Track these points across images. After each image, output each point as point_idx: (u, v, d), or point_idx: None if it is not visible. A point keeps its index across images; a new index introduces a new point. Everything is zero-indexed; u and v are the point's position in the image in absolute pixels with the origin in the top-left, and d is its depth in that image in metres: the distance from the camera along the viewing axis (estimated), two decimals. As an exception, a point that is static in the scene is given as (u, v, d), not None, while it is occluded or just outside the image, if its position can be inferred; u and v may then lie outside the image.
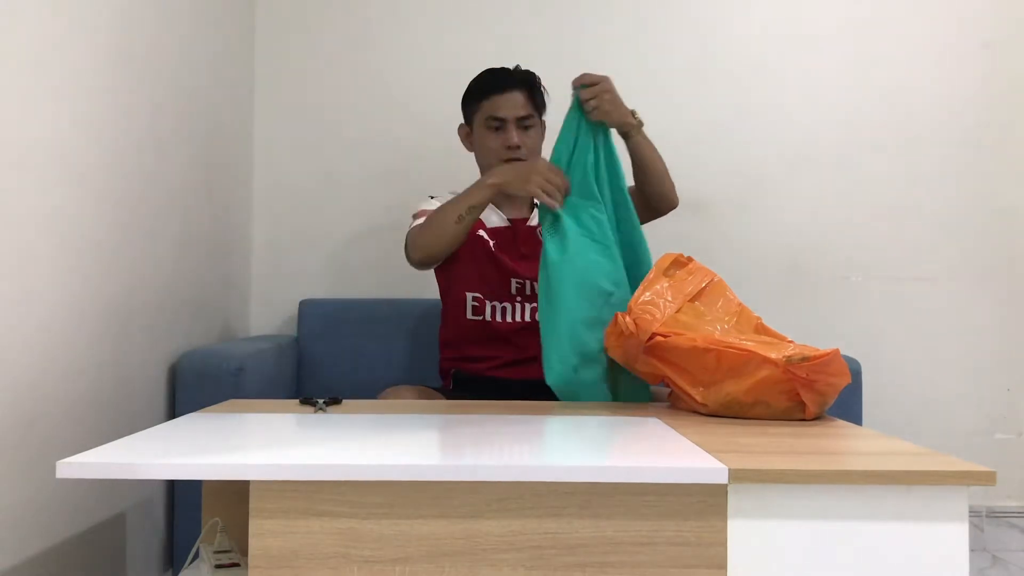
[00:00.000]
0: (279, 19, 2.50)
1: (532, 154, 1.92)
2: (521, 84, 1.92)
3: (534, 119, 1.93)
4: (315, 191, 2.50)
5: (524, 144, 1.90)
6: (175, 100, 1.91)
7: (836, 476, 1.01)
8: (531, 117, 1.92)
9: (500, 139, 1.90)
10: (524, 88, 1.92)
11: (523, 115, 1.90)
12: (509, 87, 1.91)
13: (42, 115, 1.38)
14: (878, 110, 2.49)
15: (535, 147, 1.94)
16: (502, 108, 1.90)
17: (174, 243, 1.91)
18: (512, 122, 1.90)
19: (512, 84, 1.92)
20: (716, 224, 2.47)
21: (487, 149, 1.93)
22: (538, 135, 1.95)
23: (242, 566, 1.26)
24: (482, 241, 1.93)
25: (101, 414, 1.57)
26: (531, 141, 1.92)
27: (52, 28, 1.41)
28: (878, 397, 2.32)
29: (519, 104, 1.91)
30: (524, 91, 1.92)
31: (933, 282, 2.47)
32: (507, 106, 1.90)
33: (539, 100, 1.95)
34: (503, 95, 1.90)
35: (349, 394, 1.66)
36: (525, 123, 1.91)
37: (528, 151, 1.91)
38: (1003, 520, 2.42)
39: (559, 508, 1.00)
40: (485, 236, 1.94)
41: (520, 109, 1.90)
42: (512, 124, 1.90)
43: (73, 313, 1.48)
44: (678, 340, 1.44)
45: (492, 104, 1.91)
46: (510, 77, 1.93)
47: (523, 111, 1.91)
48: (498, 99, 1.90)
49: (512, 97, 1.91)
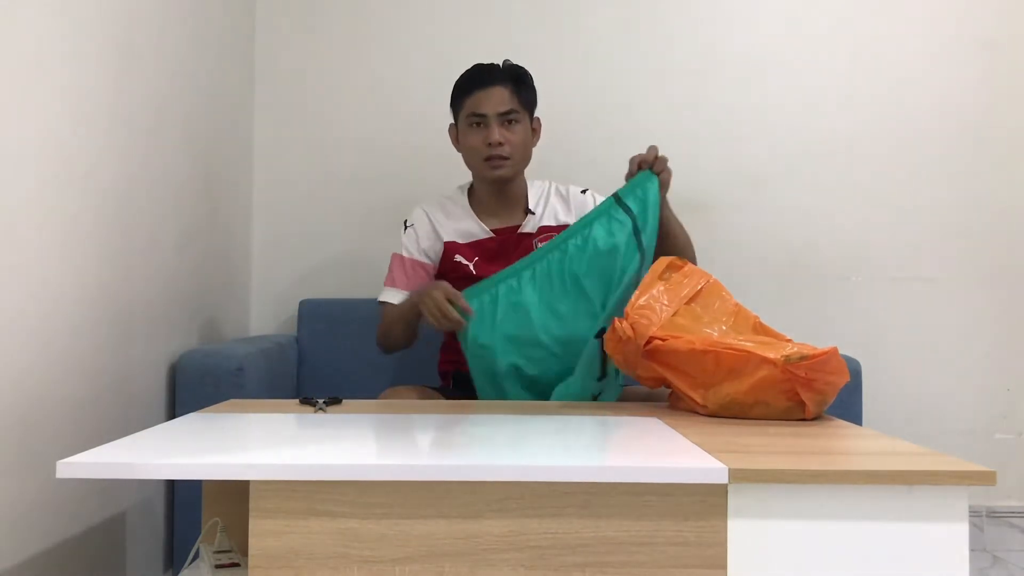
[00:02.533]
0: (279, 19, 2.50)
1: (516, 150, 1.86)
2: (505, 79, 1.85)
3: (519, 114, 1.85)
4: (315, 191, 2.50)
5: (508, 141, 1.84)
6: (175, 100, 1.91)
7: (836, 476, 1.00)
8: (515, 112, 1.84)
9: (481, 136, 1.84)
10: (508, 83, 1.85)
11: (505, 110, 1.83)
12: (491, 82, 1.84)
13: (42, 115, 1.38)
14: (878, 110, 2.49)
15: (520, 143, 1.87)
16: (483, 104, 1.83)
17: (174, 243, 1.91)
18: (494, 118, 1.83)
19: (495, 79, 1.85)
20: (716, 224, 2.46)
21: (469, 148, 1.87)
22: (524, 131, 1.87)
23: (242, 566, 1.26)
24: (462, 267, 1.90)
25: (101, 414, 1.57)
26: (516, 137, 1.85)
27: (52, 28, 1.41)
28: (878, 397, 2.32)
29: (502, 99, 1.83)
30: (508, 86, 1.85)
31: (933, 282, 2.47)
32: (489, 102, 1.83)
33: (526, 96, 1.88)
34: (485, 90, 1.84)
35: (349, 394, 1.66)
36: (508, 118, 1.84)
37: (512, 148, 1.85)
38: (1003, 520, 2.42)
39: (559, 508, 1.00)
40: (463, 260, 1.91)
41: (502, 104, 1.83)
42: (494, 120, 1.83)
43: (73, 313, 1.48)
44: (676, 343, 1.44)
45: (474, 100, 1.85)
46: (493, 72, 1.86)
47: (506, 106, 1.83)
48: (480, 95, 1.84)
49: (494, 92, 1.84)
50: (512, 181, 1.91)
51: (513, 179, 1.91)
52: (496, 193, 1.92)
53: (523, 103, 1.87)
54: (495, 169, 1.86)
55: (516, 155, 1.86)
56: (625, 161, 1.79)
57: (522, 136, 1.87)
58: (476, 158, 1.87)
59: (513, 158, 1.86)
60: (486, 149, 1.84)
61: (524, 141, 1.88)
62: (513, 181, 1.91)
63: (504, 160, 1.85)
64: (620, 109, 2.49)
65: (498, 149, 1.84)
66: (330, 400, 1.52)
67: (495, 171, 1.86)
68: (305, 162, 2.50)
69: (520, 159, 1.89)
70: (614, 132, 2.48)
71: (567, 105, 2.46)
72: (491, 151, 1.84)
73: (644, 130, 2.48)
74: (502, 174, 1.86)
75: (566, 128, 2.47)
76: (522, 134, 1.87)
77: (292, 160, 2.50)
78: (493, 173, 1.86)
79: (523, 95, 1.87)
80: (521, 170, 1.92)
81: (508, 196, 1.93)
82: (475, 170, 1.91)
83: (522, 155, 1.89)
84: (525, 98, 1.87)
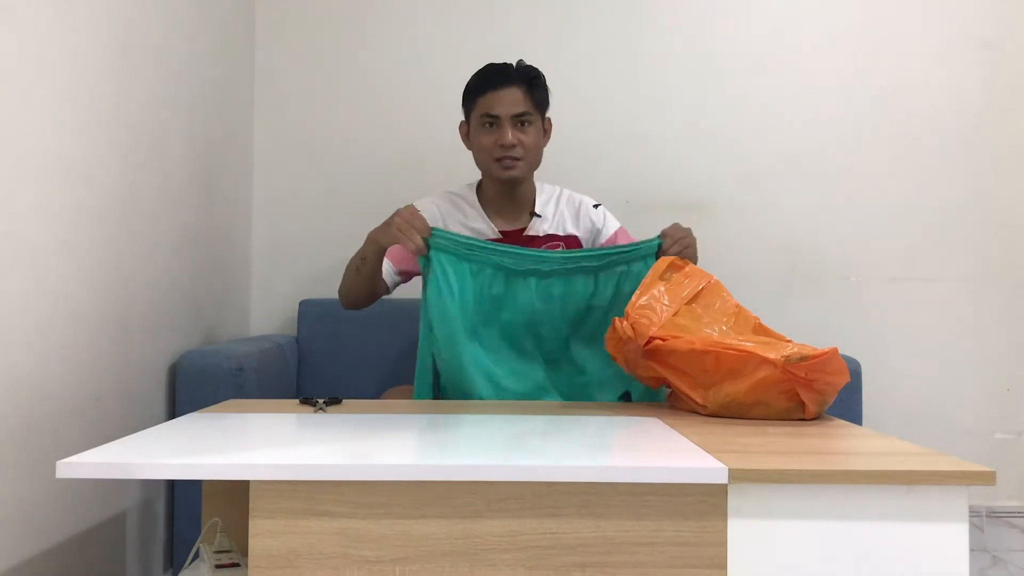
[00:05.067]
0: (279, 19, 2.50)
1: (529, 152, 1.85)
2: (519, 80, 1.84)
3: (532, 116, 1.84)
4: (315, 191, 2.50)
5: (521, 142, 1.83)
6: (175, 101, 1.91)
7: (836, 476, 1.00)
8: (528, 114, 1.83)
9: (494, 137, 1.83)
10: (522, 84, 1.84)
11: (519, 112, 1.82)
12: (506, 83, 1.83)
13: (42, 115, 1.38)
14: (878, 110, 2.49)
15: (533, 145, 1.86)
16: (497, 105, 1.82)
17: (174, 243, 1.91)
18: (507, 119, 1.82)
19: (509, 80, 1.83)
20: (716, 224, 2.47)
21: (481, 147, 1.86)
22: (537, 133, 1.87)
23: (242, 566, 1.26)
24: None
25: (101, 414, 1.57)
26: (528, 139, 1.84)
27: (52, 29, 1.41)
28: (878, 397, 2.32)
29: (516, 101, 1.82)
30: (522, 87, 1.83)
31: (933, 282, 2.47)
32: (502, 103, 1.82)
33: (540, 97, 1.87)
34: (499, 91, 1.82)
35: (349, 394, 1.66)
36: (522, 120, 1.83)
37: (525, 149, 1.84)
38: (1003, 520, 2.42)
39: (559, 508, 1.00)
40: None
41: (516, 106, 1.82)
42: (507, 122, 1.82)
43: (73, 313, 1.48)
44: (676, 343, 1.44)
45: (487, 101, 1.83)
46: (508, 72, 1.85)
47: (519, 108, 1.82)
48: (493, 95, 1.83)
49: (508, 93, 1.82)
50: (522, 182, 1.90)
51: (524, 180, 1.90)
52: (505, 194, 1.91)
53: (536, 104, 1.85)
54: (507, 170, 1.84)
55: (528, 156, 1.85)
56: (625, 161, 1.79)
57: (534, 138, 1.86)
58: (488, 158, 1.85)
59: (525, 159, 1.85)
60: (499, 150, 1.83)
61: (536, 143, 1.87)
62: (523, 182, 1.90)
63: (516, 161, 1.83)
64: (620, 109, 2.49)
65: (510, 151, 1.82)
66: (330, 400, 1.52)
67: (507, 172, 1.84)
68: (305, 162, 2.50)
69: (532, 161, 1.88)
70: (614, 132, 2.48)
71: (567, 105, 2.46)
72: (503, 152, 1.83)
73: (644, 130, 2.49)
74: (513, 175, 1.85)
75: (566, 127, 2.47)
76: (534, 136, 1.86)
77: (292, 161, 2.50)
78: (505, 174, 1.85)
79: (536, 96, 1.85)
80: (532, 171, 1.91)
81: (517, 197, 1.92)
82: (486, 170, 1.89)
83: (534, 157, 1.88)
84: (538, 99, 1.86)
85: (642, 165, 2.48)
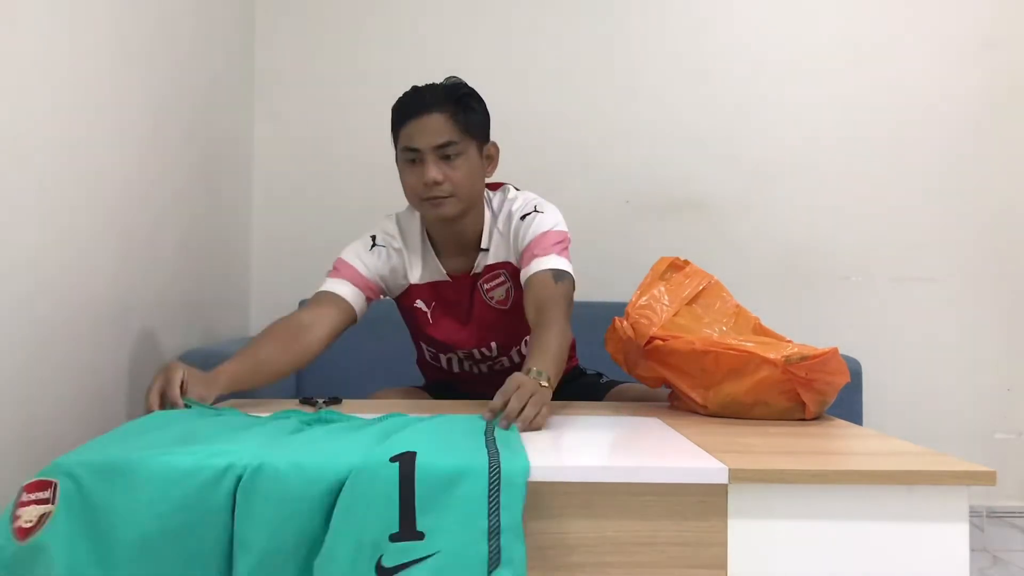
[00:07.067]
0: (279, 19, 2.50)
1: (460, 187, 1.55)
2: (441, 104, 1.54)
3: (459, 145, 1.54)
4: (315, 192, 2.50)
5: (448, 178, 1.54)
6: (176, 101, 1.91)
7: (836, 476, 1.00)
8: (453, 144, 1.53)
9: (416, 174, 1.55)
10: (446, 109, 1.54)
11: (442, 143, 1.53)
12: (423, 110, 1.54)
13: (42, 116, 1.38)
14: (878, 110, 2.49)
15: (464, 178, 1.56)
16: (416, 137, 1.53)
17: (174, 243, 1.91)
18: (429, 153, 1.53)
19: (427, 106, 1.54)
20: (716, 224, 2.47)
21: (406, 186, 1.59)
22: (469, 164, 1.56)
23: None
24: (419, 314, 1.70)
25: (101, 414, 1.57)
26: (457, 174, 1.55)
27: (53, 30, 1.41)
28: (878, 397, 2.32)
29: (438, 129, 1.53)
30: (445, 112, 1.54)
31: (933, 282, 2.48)
32: (423, 133, 1.53)
33: (472, 120, 1.56)
34: (419, 119, 1.54)
35: (349, 394, 1.65)
36: (446, 153, 1.54)
37: (454, 185, 1.55)
38: (1003, 520, 2.42)
39: (559, 508, 1.00)
40: (422, 306, 1.69)
41: (438, 136, 1.53)
42: (429, 155, 1.53)
43: (73, 313, 1.48)
44: (676, 343, 1.44)
45: (407, 132, 1.55)
46: (426, 97, 1.55)
47: (443, 138, 1.53)
48: (413, 126, 1.54)
49: (429, 122, 1.53)
50: (462, 218, 1.61)
51: (463, 215, 1.61)
52: (446, 232, 1.65)
53: (466, 131, 1.55)
54: (435, 208, 1.57)
55: (460, 192, 1.56)
56: (625, 161, 1.78)
57: (465, 170, 1.56)
58: (415, 199, 1.58)
59: (456, 196, 1.56)
60: (423, 189, 1.54)
61: (468, 175, 1.56)
62: (464, 217, 1.61)
63: (444, 200, 1.55)
64: (620, 110, 2.49)
65: (434, 189, 1.54)
66: (330, 400, 1.52)
67: (435, 210, 1.57)
68: (305, 162, 2.50)
69: (467, 196, 1.58)
70: (615, 132, 2.48)
71: (566, 105, 2.46)
72: (428, 191, 1.54)
73: (644, 130, 2.49)
74: (444, 213, 1.57)
75: (566, 127, 2.47)
76: (465, 168, 1.56)
77: (292, 160, 2.50)
78: (433, 212, 1.58)
79: (465, 121, 1.55)
80: (471, 207, 1.61)
81: (461, 235, 1.65)
82: (417, 210, 1.64)
83: (467, 191, 1.57)
84: (468, 124, 1.56)
85: (642, 165, 2.48)
